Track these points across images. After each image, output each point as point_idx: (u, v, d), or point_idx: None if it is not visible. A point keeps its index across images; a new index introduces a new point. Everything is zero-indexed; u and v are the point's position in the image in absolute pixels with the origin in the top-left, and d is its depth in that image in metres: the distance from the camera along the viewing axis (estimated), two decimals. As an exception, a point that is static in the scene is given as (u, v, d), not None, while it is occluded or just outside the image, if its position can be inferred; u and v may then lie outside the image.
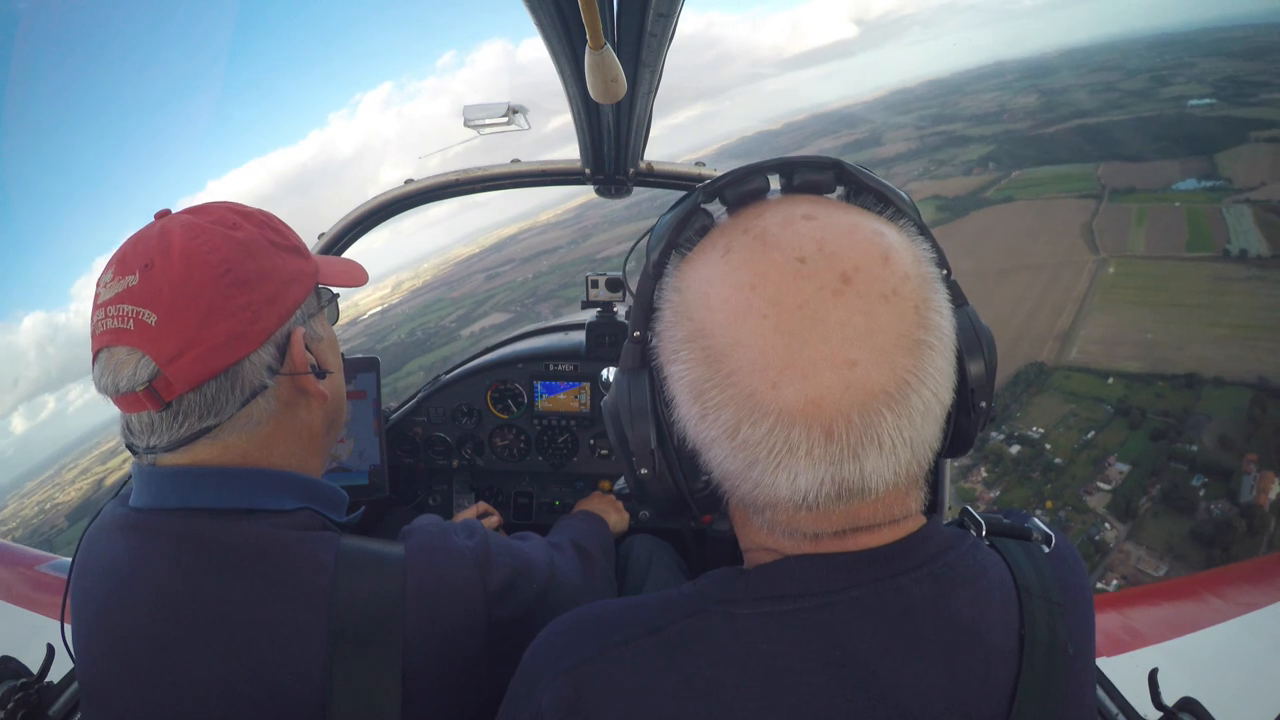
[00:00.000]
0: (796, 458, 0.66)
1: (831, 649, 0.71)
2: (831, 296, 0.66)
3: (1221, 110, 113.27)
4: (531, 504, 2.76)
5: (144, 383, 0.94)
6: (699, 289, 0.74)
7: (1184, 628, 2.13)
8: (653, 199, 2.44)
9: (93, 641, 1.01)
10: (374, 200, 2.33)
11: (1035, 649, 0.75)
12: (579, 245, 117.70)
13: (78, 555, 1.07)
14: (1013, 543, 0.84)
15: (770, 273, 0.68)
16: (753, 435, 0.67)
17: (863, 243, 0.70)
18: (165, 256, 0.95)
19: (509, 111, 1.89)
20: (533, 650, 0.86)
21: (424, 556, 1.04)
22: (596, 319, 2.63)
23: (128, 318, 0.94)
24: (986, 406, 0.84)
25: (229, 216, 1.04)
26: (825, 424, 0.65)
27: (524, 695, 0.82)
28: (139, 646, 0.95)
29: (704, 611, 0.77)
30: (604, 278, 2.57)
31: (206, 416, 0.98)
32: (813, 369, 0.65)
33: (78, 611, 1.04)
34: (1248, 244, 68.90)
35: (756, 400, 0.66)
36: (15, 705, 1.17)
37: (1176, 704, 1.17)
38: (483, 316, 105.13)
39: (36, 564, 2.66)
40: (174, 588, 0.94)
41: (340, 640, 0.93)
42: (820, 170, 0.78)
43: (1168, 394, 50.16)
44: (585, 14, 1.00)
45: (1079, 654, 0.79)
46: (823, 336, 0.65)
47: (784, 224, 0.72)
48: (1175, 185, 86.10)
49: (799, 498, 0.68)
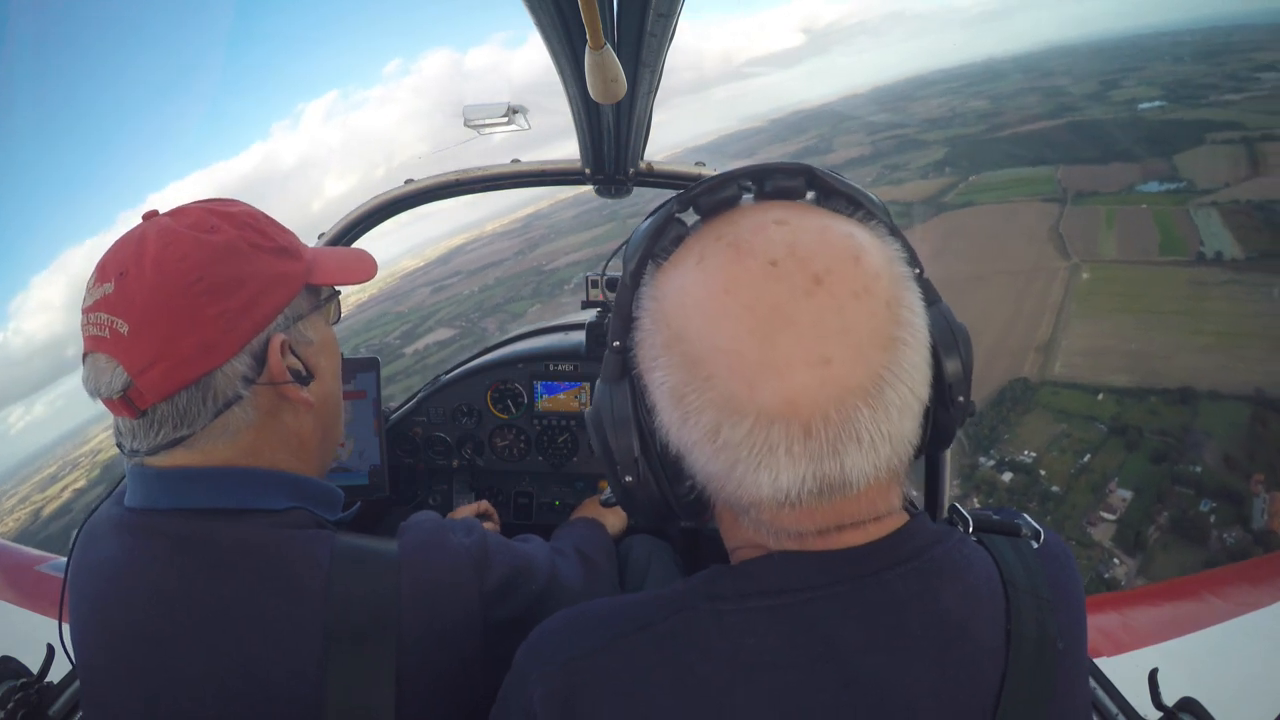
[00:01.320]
0: (776, 456, 0.67)
1: (815, 643, 0.72)
2: (804, 297, 0.67)
3: (1173, 112, 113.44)
4: (531, 504, 2.74)
5: (118, 392, 0.95)
6: (675, 297, 0.75)
7: (1184, 628, 2.13)
8: (601, 208, 3.34)
9: (90, 640, 1.02)
10: (374, 200, 2.33)
11: (1022, 644, 0.75)
12: (526, 256, 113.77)
13: (73, 554, 1.07)
14: (1001, 539, 0.85)
15: (743, 277, 0.70)
16: (733, 436, 0.68)
17: (833, 244, 0.71)
18: (138, 265, 0.95)
19: (509, 111, 1.90)
20: (525, 648, 0.86)
21: (419, 554, 1.04)
22: (596, 319, 2.61)
23: (104, 326, 0.94)
24: (965, 401, 0.85)
25: (207, 219, 1.01)
26: (803, 421, 0.66)
27: (516, 692, 0.83)
28: (135, 645, 0.95)
29: (693, 608, 0.78)
30: (604, 278, 2.53)
31: (180, 426, 0.98)
32: (788, 368, 0.66)
33: (74, 610, 1.04)
34: (1221, 246, 68.03)
35: (735, 402, 0.67)
36: (15, 705, 1.17)
37: (1176, 704, 1.18)
38: (427, 333, 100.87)
39: (36, 564, 2.61)
40: (169, 586, 0.95)
41: (335, 638, 0.93)
42: (791, 176, 0.79)
43: (1162, 410, 47.78)
44: (585, 14, 1.01)
45: (1069, 650, 0.80)
46: (796, 336, 0.66)
47: (756, 230, 0.74)
48: (1138, 187, 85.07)
49: (781, 495, 0.69)
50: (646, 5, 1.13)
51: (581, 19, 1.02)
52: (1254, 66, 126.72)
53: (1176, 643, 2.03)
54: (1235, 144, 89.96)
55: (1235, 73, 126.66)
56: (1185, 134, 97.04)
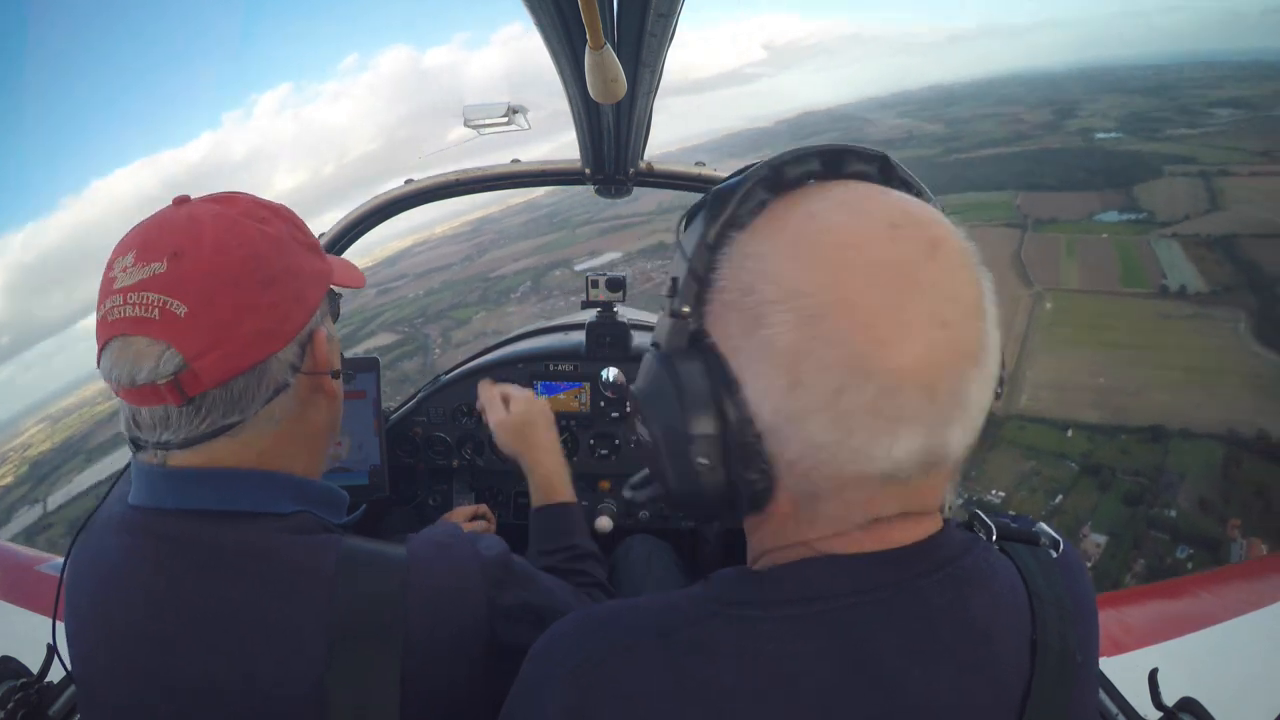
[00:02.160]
0: (900, 422, 0.65)
1: (849, 653, 0.70)
2: (925, 260, 0.67)
3: (1130, 144, 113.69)
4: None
5: (168, 375, 0.91)
6: (787, 251, 0.70)
7: (1184, 628, 2.14)
8: (551, 216, 3.80)
9: (89, 640, 1.02)
10: (374, 200, 2.34)
11: (1048, 655, 0.75)
12: (474, 261, 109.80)
13: (73, 553, 1.07)
14: (1022, 547, 0.84)
15: (866, 234, 0.68)
16: (857, 399, 0.65)
17: (936, 216, 0.72)
18: (196, 245, 0.93)
19: (509, 111, 1.91)
20: (536, 653, 0.84)
21: (426, 557, 1.04)
22: (597, 319, 2.64)
23: (153, 306, 0.90)
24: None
25: (257, 210, 1.03)
26: (929, 384, 0.65)
27: (528, 700, 0.81)
28: (136, 645, 0.95)
29: (715, 615, 0.75)
30: (604, 278, 2.58)
31: (231, 413, 0.97)
32: (916, 328, 0.65)
33: (73, 610, 1.04)
34: (1185, 279, 66.71)
35: (864, 361, 0.64)
36: (15, 705, 1.17)
37: (1176, 704, 1.18)
38: (369, 337, 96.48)
39: (36, 564, 2.62)
40: (170, 588, 0.95)
41: (340, 641, 0.93)
42: (868, 161, 0.78)
43: (1133, 448, 45.81)
44: (585, 14, 1.02)
45: (1085, 662, 0.79)
46: (921, 297, 0.66)
47: (863, 196, 0.73)
48: (1098, 216, 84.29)
49: (891, 466, 0.67)
50: (646, 5, 1.14)
51: (581, 19, 1.03)
52: (1207, 103, 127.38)
53: (1176, 643, 2.03)
54: (1194, 177, 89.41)
55: (1188, 107, 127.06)
56: (1144, 165, 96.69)
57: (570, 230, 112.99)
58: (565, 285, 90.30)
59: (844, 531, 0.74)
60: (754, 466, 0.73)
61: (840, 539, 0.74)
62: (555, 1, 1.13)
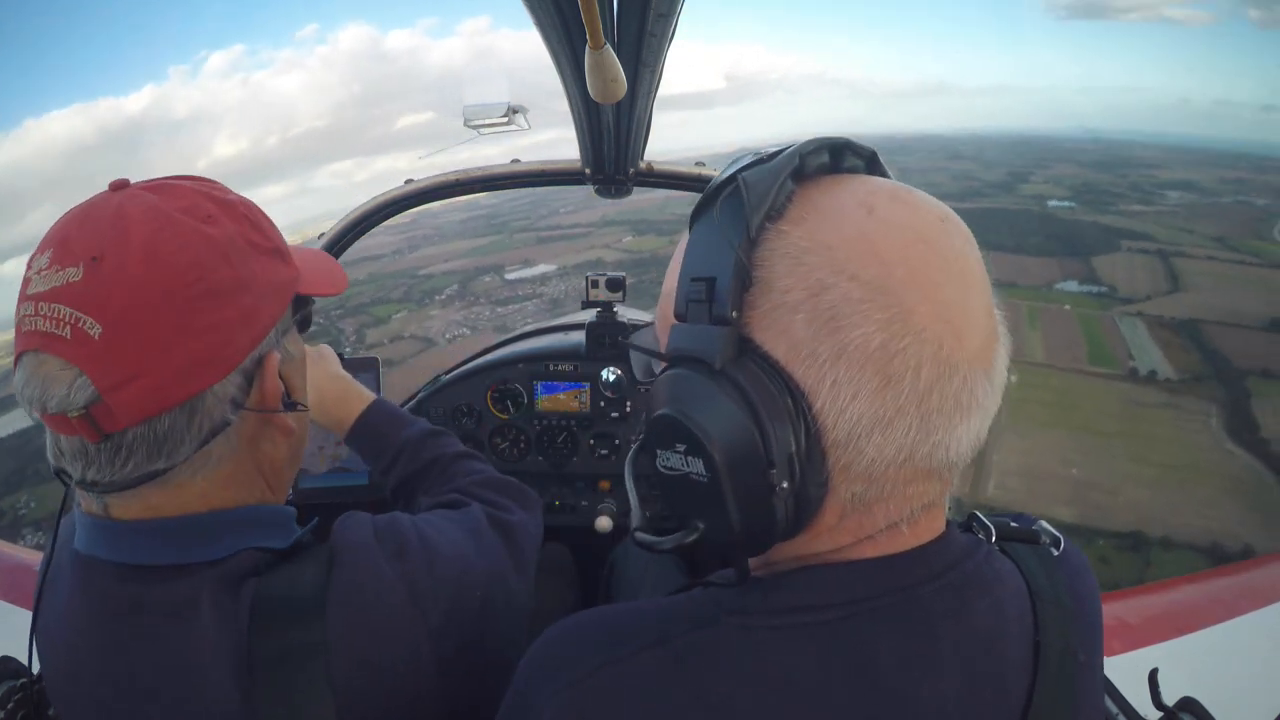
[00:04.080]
0: (971, 411, 0.67)
1: (849, 661, 0.69)
2: (968, 249, 0.70)
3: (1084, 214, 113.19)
4: None
5: (79, 408, 0.76)
6: (859, 246, 0.67)
7: (1184, 628, 2.12)
8: (490, 218, 3.64)
9: (48, 662, 0.99)
10: (374, 200, 2.33)
11: (1049, 655, 0.75)
12: (405, 255, 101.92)
13: (54, 553, 0.98)
14: (1023, 547, 0.83)
15: (928, 229, 0.69)
16: (945, 393, 0.65)
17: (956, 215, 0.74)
18: (121, 249, 0.77)
19: (509, 111, 1.88)
20: (529, 662, 0.80)
21: (347, 601, 0.88)
22: (597, 319, 2.63)
23: (64, 322, 0.75)
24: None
25: (203, 204, 0.84)
26: (987, 370, 0.68)
27: (523, 708, 0.77)
28: (74, 688, 0.94)
29: (714, 623, 0.72)
30: (604, 278, 2.56)
31: (155, 458, 0.81)
32: (976, 316, 0.68)
33: (39, 625, 0.99)
34: (1154, 364, 64.82)
35: (946, 354, 0.65)
36: (15, 705, 1.16)
37: (1176, 704, 1.18)
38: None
39: (36, 564, 2.28)
40: (96, 651, 0.88)
41: (259, 700, 0.82)
42: (861, 156, 0.78)
43: (1113, 557, 42.08)
44: (585, 14, 1.01)
45: (1088, 661, 0.79)
46: (975, 286, 0.69)
47: (897, 189, 0.73)
48: (1057, 285, 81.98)
49: (956, 458, 0.69)
50: (646, 5, 1.15)
51: (581, 19, 1.03)
52: (1157, 183, 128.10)
53: (1176, 643, 2.02)
54: (1151, 255, 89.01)
55: (1139, 184, 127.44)
56: (1101, 238, 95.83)
57: (507, 235, 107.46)
58: (492, 293, 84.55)
59: (870, 536, 0.73)
60: (816, 481, 0.68)
61: (847, 547, 0.73)
62: (555, 1, 1.13)
